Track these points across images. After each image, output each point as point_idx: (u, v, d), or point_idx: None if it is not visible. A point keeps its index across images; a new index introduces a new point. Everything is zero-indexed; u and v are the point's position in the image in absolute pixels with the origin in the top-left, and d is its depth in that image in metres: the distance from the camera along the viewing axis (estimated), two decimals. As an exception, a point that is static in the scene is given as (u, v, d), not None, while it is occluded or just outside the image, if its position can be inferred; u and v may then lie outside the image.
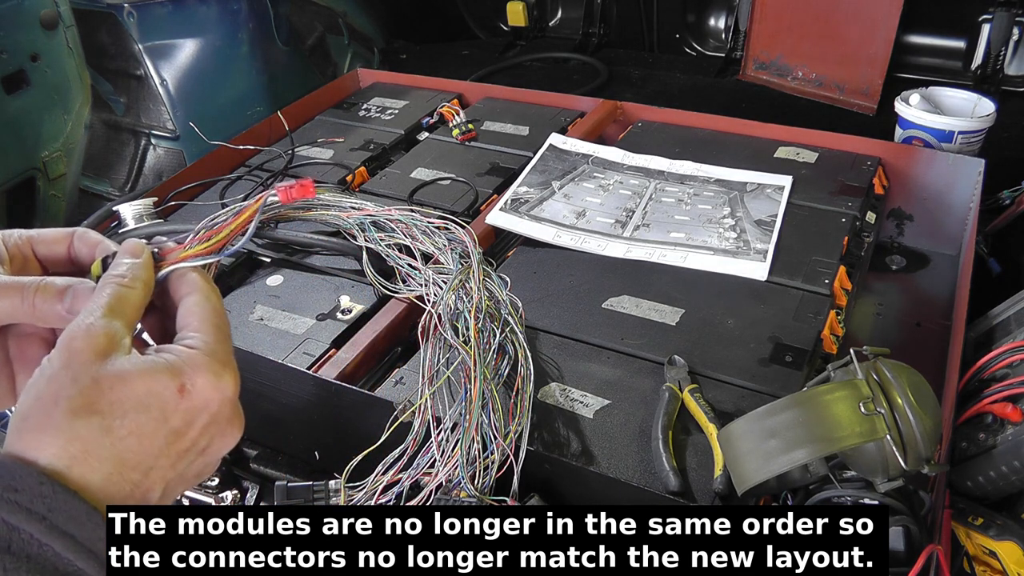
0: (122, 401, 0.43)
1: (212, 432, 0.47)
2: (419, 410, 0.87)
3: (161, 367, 0.45)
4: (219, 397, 0.47)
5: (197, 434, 0.46)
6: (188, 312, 0.50)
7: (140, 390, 0.44)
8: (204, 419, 0.46)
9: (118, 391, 0.43)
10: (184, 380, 0.45)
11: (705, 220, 1.26)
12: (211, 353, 0.48)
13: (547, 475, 0.85)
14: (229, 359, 0.49)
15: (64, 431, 0.42)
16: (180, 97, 1.93)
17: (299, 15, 2.25)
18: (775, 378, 0.97)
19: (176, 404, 0.45)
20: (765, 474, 0.75)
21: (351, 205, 1.24)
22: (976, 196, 1.27)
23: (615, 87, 2.24)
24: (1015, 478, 0.81)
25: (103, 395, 0.43)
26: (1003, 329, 1.01)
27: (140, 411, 0.44)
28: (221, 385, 0.47)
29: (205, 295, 0.51)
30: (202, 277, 0.52)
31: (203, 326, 0.49)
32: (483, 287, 1.02)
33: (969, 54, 2.06)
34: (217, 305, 0.52)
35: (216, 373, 0.47)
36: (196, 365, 0.46)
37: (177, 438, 0.45)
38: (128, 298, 0.48)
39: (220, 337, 0.49)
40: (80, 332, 0.45)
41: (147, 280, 0.50)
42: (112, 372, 0.44)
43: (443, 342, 0.95)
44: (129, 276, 0.50)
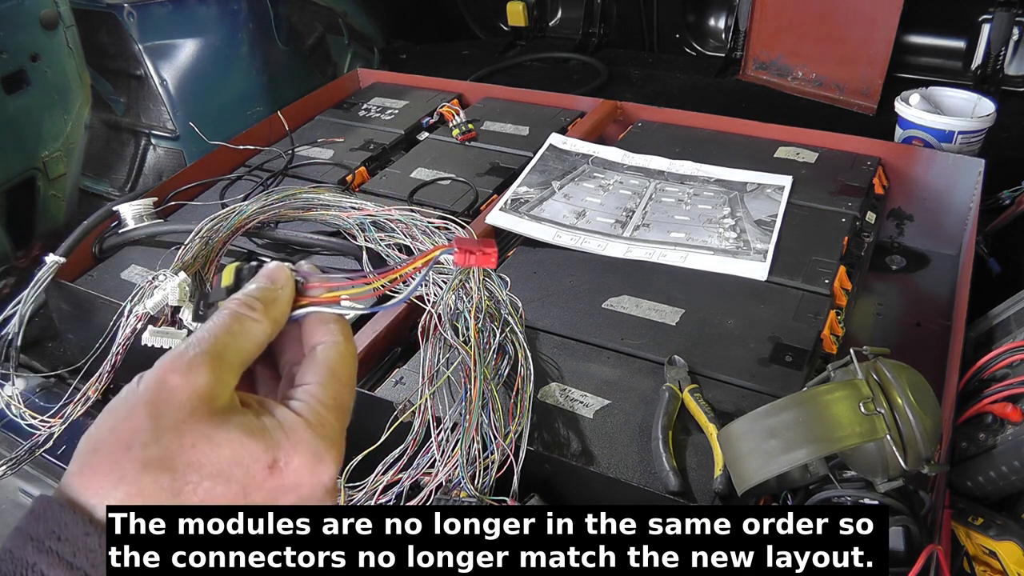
0: (203, 465, 0.38)
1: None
2: (419, 410, 0.87)
3: (257, 434, 0.39)
4: (312, 482, 0.40)
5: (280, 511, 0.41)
6: (314, 366, 0.43)
7: (226, 457, 0.38)
8: (291, 499, 0.40)
9: (201, 452, 0.38)
10: (278, 456, 0.39)
11: (705, 220, 1.26)
12: (319, 427, 0.41)
13: (547, 475, 0.85)
14: (338, 437, 0.42)
15: (128, 483, 0.37)
16: (180, 97, 1.93)
17: (299, 15, 2.25)
18: (775, 378, 0.97)
19: (262, 481, 0.39)
20: (765, 474, 0.75)
21: (351, 205, 1.24)
22: (976, 196, 1.27)
23: (615, 87, 2.24)
24: (1015, 478, 0.81)
25: (183, 452, 0.38)
26: (1003, 329, 1.01)
27: (219, 481, 0.38)
28: (319, 470, 0.40)
29: (340, 353, 0.44)
30: (343, 330, 0.45)
31: (323, 391, 0.42)
32: (483, 287, 1.02)
33: (969, 54, 2.06)
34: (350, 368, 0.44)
35: (317, 455, 0.40)
36: (297, 441, 0.40)
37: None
38: (249, 333, 0.42)
39: (337, 409, 0.42)
40: (180, 366, 0.39)
41: (278, 317, 0.43)
42: (200, 427, 0.38)
43: (443, 342, 0.95)
44: (260, 311, 0.42)
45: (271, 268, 0.45)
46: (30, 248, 1.54)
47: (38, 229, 1.56)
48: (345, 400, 0.43)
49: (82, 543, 0.36)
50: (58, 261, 1.20)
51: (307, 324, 0.45)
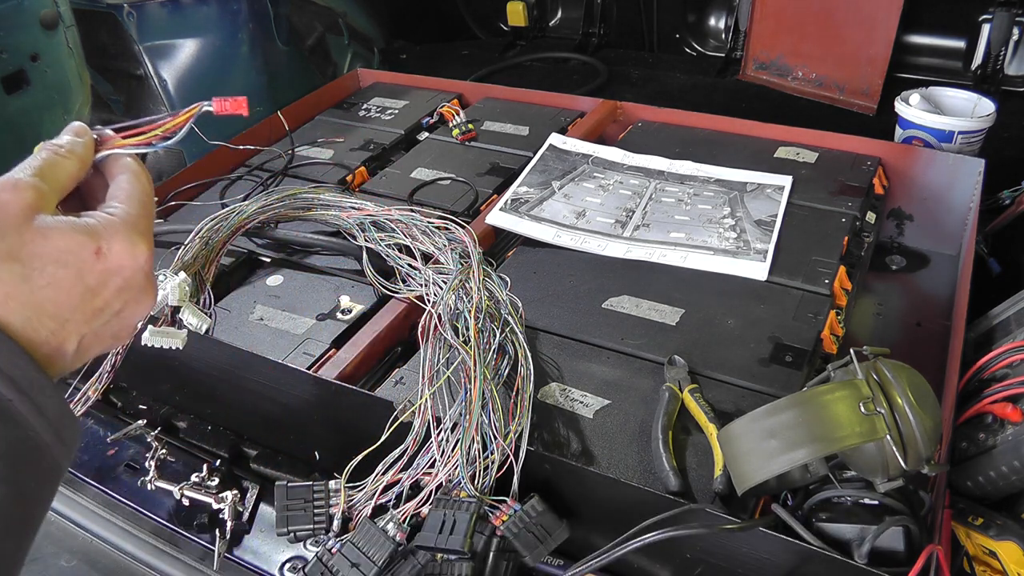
0: (42, 254, 0.46)
1: (126, 296, 0.50)
2: (419, 410, 0.87)
3: (80, 228, 0.48)
4: (133, 264, 0.50)
5: (111, 295, 0.49)
6: (117, 187, 0.54)
7: (60, 246, 0.47)
8: (118, 282, 0.49)
9: (39, 244, 0.46)
10: (101, 243, 0.48)
11: (705, 220, 1.26)
12: (130, 222, 0.51)
13: (547, 475, 0.85)
14: (147, 231, 0.52)
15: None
16: (180, 97, 1.93)
17: (299, 15, 2.25)
18: (775, 378, 0.97)
19: (92, 264, 0.48)
20: (765, 474, 0.75)
21: (351, 205, 1.24)
22: (976, 196, 1.27)
23: (615, 87, 2.24)
24: (1015, 478, 0.81)
25: (24, 246, 0.46)
26: (1003, 329, 1.01)
27: (58, 265, 0.47)
28: (135, 252, 0.50)
29: (135, 174, 0.55)
30: (136, 161, 0.57)
31: (128, 200, 0.53)
32: (483, 287, 1.02)
33: (969, 54, 2.06)
34: (146, 185, 0.55)
35: (132, 241, 0.50)
36: (114, 231, 0.49)
37: (92, 296, 0.48)
38: (61, 165, 0.52)
39: (142, 212, 0.52)
40: (8, 185, 0.48)
41: (83, 156, 0.54)
42: (35, 226, 0.46)
43: (443, 342, 0.95)
44: (67, 148, 0.53)
45: (72, 124, 0.56)
46: (30, 248, 1.53)
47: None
48: (147, 203, 0.54)
49: None
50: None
51: (108, 165, 0.56)
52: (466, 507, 0.79)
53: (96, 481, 1.04)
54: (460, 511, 0.78)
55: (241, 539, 0.94)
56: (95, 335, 0.50)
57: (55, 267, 0.46)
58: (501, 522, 0.80)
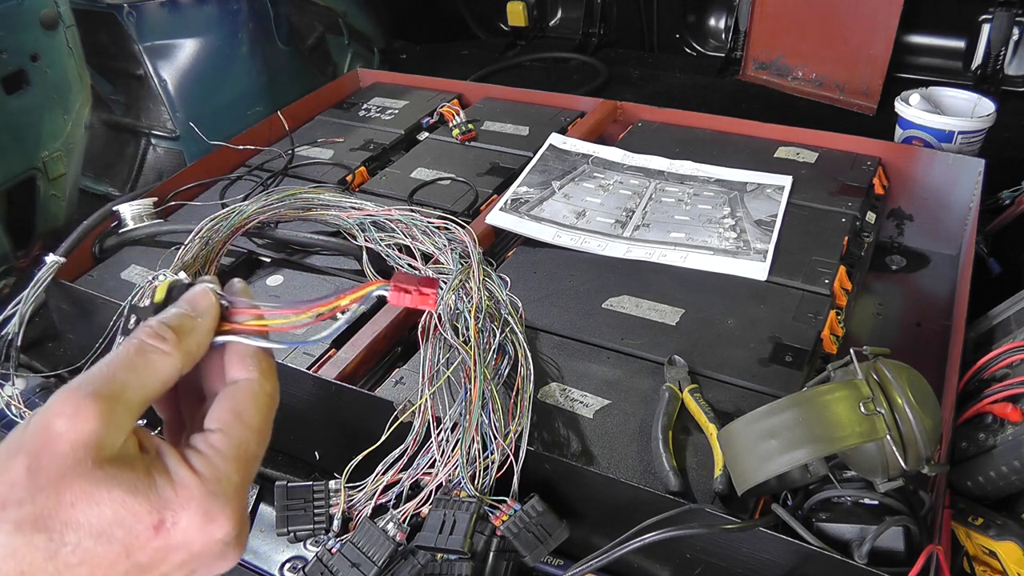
0: (81, 524, 0.35)
1: (193, 566, 0.39)
2: (419, 410, 0.87)
3: (141, 494, 0.37)
4: (205, 539, 0.38)
5: (169, 569, 0.38)
6: (221, 408, 0.41)
7: (107, 516, 0.36)
8: (180, 557, 0.38)
9: (80, 510, 0.35)
10: (165, 516, 0.37)
11: (705, 220, 1.26)
12: (214, 483, 0.38)
13: (547, 475, 0.85)
14: (238, 492, 0.39)
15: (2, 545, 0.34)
16: (180, 97, 1.92)
17: (299, 15, 2.25)
18: (775, 378, 0.97)
19: (147, 541, 0.37)
20: (765, 474, 0.75)
21: (351, 205, 1.24)
22: (976, 196, 1.27)
23: (615, 87, 2.24)
24: (1015, 478, 0.81)
25: (61, 511, 0.35)
26: (1003, 329, 1.01)
27: (100, 540, 0.36)
28: (211, 529, 0.38)
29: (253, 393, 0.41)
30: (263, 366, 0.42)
31: (225, 439, 0.40)
32: (483, 287, 1.02)
33: (969, 54, 2.06)
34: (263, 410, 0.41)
35: (208, 514, 0.38)
36: (188, 499, 0.38)
37: (141, 572, 0.37)
38: (155, 368, 0.39)
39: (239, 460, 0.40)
40: (67, 409, 0.36)
41: (192, 350, 0.40)
42: (81, 483, 0.36)
43: (443, 342, 0.95)
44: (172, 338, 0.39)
45: (194, 293, 0.42)
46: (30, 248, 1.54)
47: (38, 229, 1.55)
48: (251, 448, 0.41)
49: None
50: (58, 261, 1.20)
51: (228, 354, 0.42)
52: (466, 507, 0.79)
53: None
54: (460, 511, 0.78)
55: (241, 539, 0.94)
56: None
57: (95, 542, 0.35)
58: (501, 522, 0.80)
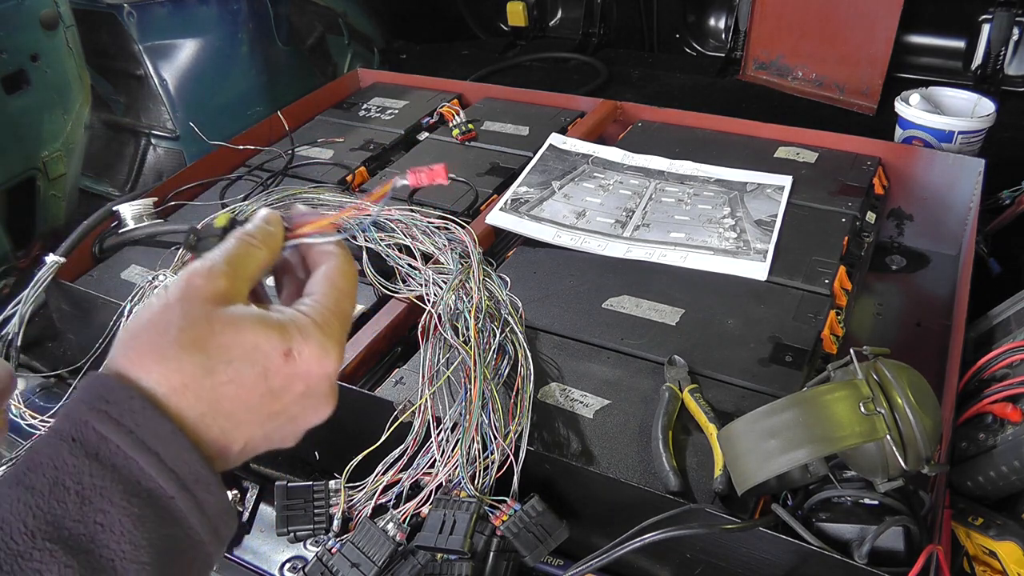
0: (229, 347, 0.44)
1: (305, 403, 0.47)
2: (419, 410, 0.87)
3: (273, 325, 0.45)
4: (320, 371, 0.46)
5: (291, 400, 0.46)
6: (318, 281, 0.50)
7: (249, 342, 0.44)
8: (301, 388, 0.46)
9: (228, 336, 0.44)
10: (292, 345, 0.45)
11: (705, 220, 1.26)
12: (324, 324, 0.47)
13: (547, 475, 0.85)
14: (341, 337, 0.48)
15: (169, 360, 0.42)
16: (180, 97, 1.92)
17: (299, 15, 2.25)
18: (775, 378, 0.97)
19: (280, 366, 0.45)
20: (765, 474, 0.75)
21: (351, 205, 1.24)
22: (976, 196, 1.27)
23: (615, 87, 2.24)
24: (1015, 478, 0.81)
25: (213, 336, 0.43)
26: (1003, 329, 1.01)
27: (244, 362, 0.44)
28: (325, 360, 0.46)
29: (340, 267, 0.51)
30: (342, 250, 0.52)
31: (325, 298, 0.49)
32: (483, 287, 1.02)
33: (969, 54, 2.06)
34: (350, 281, 0.51)
35: (324, 347, 0.46)
36: (307, 333, 0.46)
37: (273, 399, 0.45)
38: (253, 255, 0.48)
39: (339, 314, 0.49)
40: (203, 271, 0.45)
41: (273, 246, 0.50)
42: (226, 316, 0.44)
43: (443, 342, 0.95)
44: (259, 237, 0.49)
45: (265, 214, 0.52)
46: (30, 248, 1.54)
47: (38, 229, 1.56)
48: (346, 307, 0.50)
49: (127, 406, 0.41)
50: (58, 261, 1.20)
51: (311, 253, 0.52)
52: (466, 507, 0.79)
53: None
54: (460, 511, 0.78)
55: (241, 539, 0.94)
56: (265, 437, 0.47)
57: (241, 363, 0.44)
58: (501, 522, 0.80)
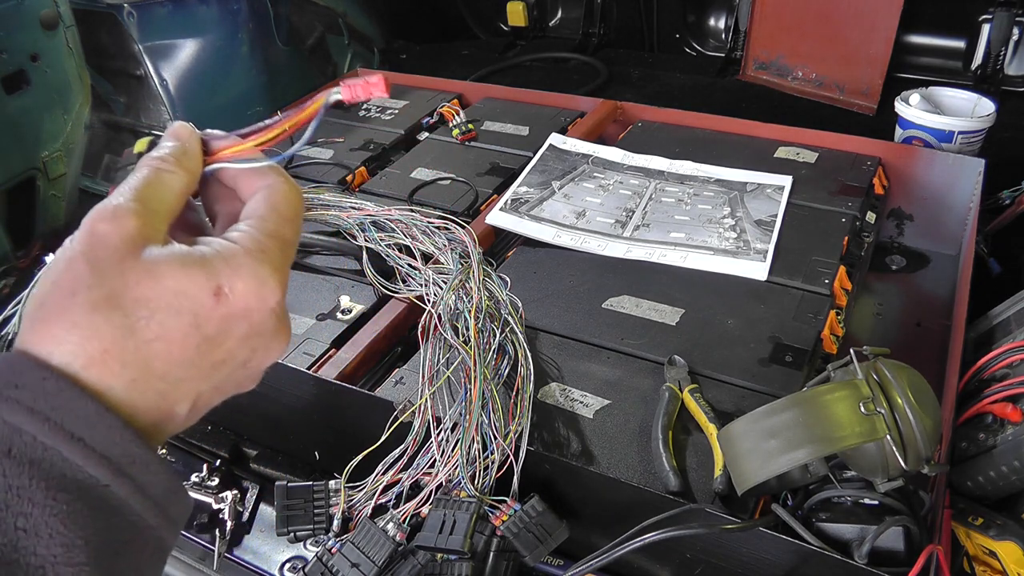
0: (149, 299, 0.38)
1: (254, 344, 0.41)
2: (419, 410, 0.87)
3: (196, 262, 0.39)
4: (261, 305, 0.40)
5: (235, 344, 0.40)
6: (252, 204, 0.44)
7: (171, 287, 0.38)
8: (243, 328, 0.40)
9: (146, 287, 0.38)
10: (221, 282, 0.39)
11: (705, 220, 1.26)
12: (258, 252, 0.41)
13: (547, 475, 0.85)
14: (282, 263, 0.42)
15: (81, 326, 0.37)
16: (180, 97, 1.93)
17: (299, 15, 2.25)
18: (775, 378, 0.97)
19: (211, 310, 0.39)
20: (765, 474, 0.75)
21: (351, 205, 1.24)
22: (976, 196, 1.27)
23: (615, 87, 2.24)
24: (1015, 478, 0.81)
25: (128, 289, 0.37)
26: (1003, 329, 1.01)
27: (169, 312, 0.38)
28: (264, 292, 0.40)
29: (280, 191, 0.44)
30: (280, 173, 0.45)
31: (261, 222, 0.42)
32: (483, 287, 1.02)
33: (969, 54, 2.06)
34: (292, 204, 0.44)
35: (259, 278, 0.40)
36: (237, 265, 0.40)
37: (212, 347, 0.39)
38: (167, 183, 0.42)
39: (277, 238, 0.42)
40: (107, 214, 0.39)
41: (191, 169, 0.44)
42: (140, 264, 0.38)
43: (443, 342, 0.95)
44: (172, 159, 0.43)
45: (175, 127, 0.46)
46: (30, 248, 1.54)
47: (38, 229, 1.56)
48: (286, 233, 0.43)
49: (40, 388, 0.36)
50: (58, 261, 1.20)
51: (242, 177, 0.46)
52: (466, 507, 0.79)
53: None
54: (460, 511, 0.78)
55: (241, 539, 0.94)
56: (215, 390, 0.42)
57: (165, 315, 0.38)
58: (501, 522, 0.80)
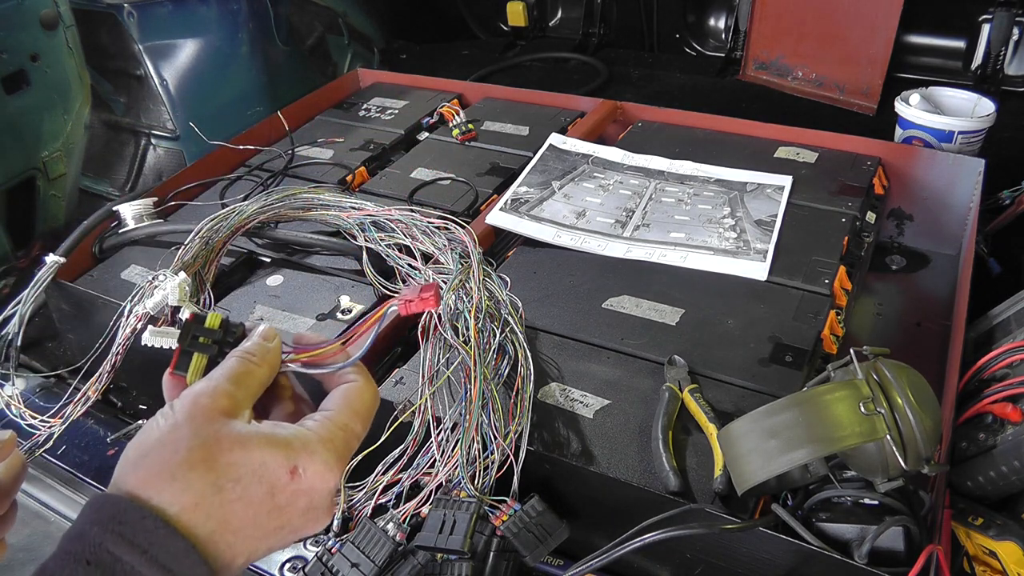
0: (238, 465, 0.45)
1: (307, 516, 0.48)
2: (419, 410, 0.87)
3: (279, 443, 0.47)
4: (323, 487, 0.48)
5: (294, 515, 0.47)
6: (333, 397, 0.52)
7: (256, 460, 0.45)
8: (304, 503, 0.48)
9: (236, 454, 0.45)
10: (298, 463, 0.47)
11: (705, 220, 1.26)
12: (328, 441, 0.49)
13: (547, 475, 0.85)
14: (345, 453, 0.50)
15: (180, 480, 0.44)
16: (180, 97, 1.92)
17: (299, 15, 2.25)
18: (775, 378, 0.97)
19: (286, 484, 0.46)
20: (765, 474, 0.75)
21: (351, 205, 1.24)
22: (976, 196, 1.27)
23: (615, 87, 2.24)
24: (1015, 478, 0.81)
25: (222, 454, 0.45)
26: (1003, 329, 1.01)
27: (253, 480, 0.45)
28: (328, 476, 0.48)
29: (357, 388, 0.53)
30: (361, 373, 0.55)
31: (336, 415, 0.51)
32: (483, 287, 1.02)
33: (969, 54, 2.06)
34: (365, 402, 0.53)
35: (328, 464, 0.48)
36: (312, 450, 0.48)
37: (278, 514, 0.46)
38: (252, 373, 0.51)
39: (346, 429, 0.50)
40: (207, 391, 0.47)
41: (272, 363, 0.53)
42: (233, 434, 0.46)
43: (443, 342, 0.95)
44: (258, 354, 0.52)
45: (264, 329, 0.55)
46: (30, 248, 1.54)
47: (38, 229, 1.56)
48: (354, 427, 0.52)
49: (140, 525, 0.42)
50: (58, 261, 1.20)
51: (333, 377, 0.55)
52: (466, 507, 0.79)
53: (96, 481, 1.04)
54: (460, 511, 0.78)
55: (241, 539, 0.94)
56: (267, 548, 0.48)
57: (249, 481, 0.45)
58: (501, 522, 0.80)
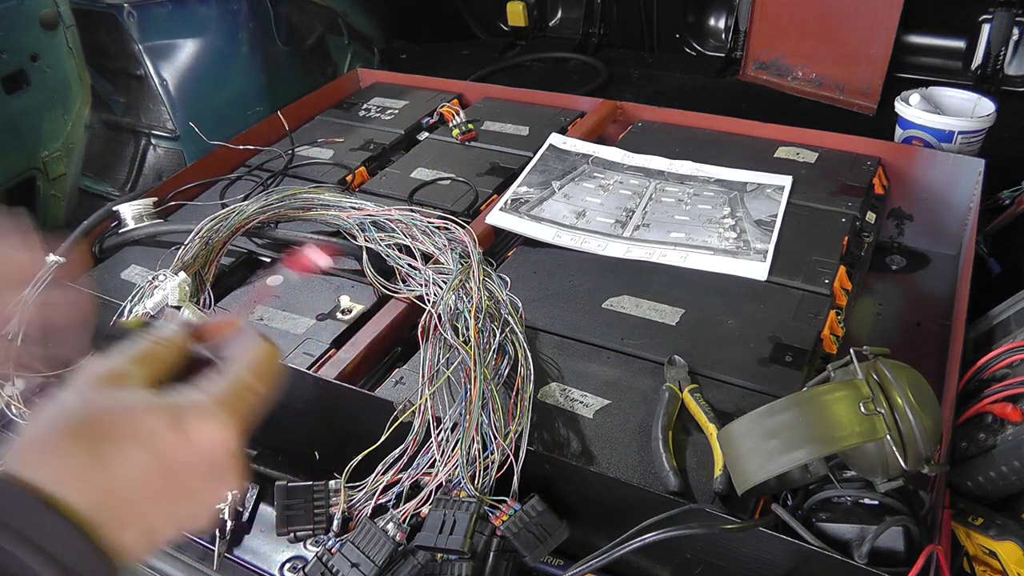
0: (120, 432, 0.43)
1: (210, 481, 0.46)
2: (419, 410, 0.87)
3: (166, 406, 0.45)
4: (221, 448, 0.46)
5: (193, 479, 0.45)
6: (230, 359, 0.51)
7: (140, 424, 0.44)
8: (204, 467, 0.46)
9: (119, 422, 0.44)
10: (187, 424, 0.45)
11: (705, 220, 1.26)
12: (221, 400, 0.47)
13: (547, 475, 0.85)
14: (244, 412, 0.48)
15: (58, 452, 0.42)
16: (180, 97, 1.93)
17: (299, 15, 2.25)
18: (775, 378, 0.97)
19: (175, 447, 0.44)
20: (765, 474, 0.75)
21: (351, 205, 1.24)
22: (976, 196, 1.27)
23: (615, 87, 2.24)
24: (1015, 478, 0.81)
25: (103, 421, 0.43)
26: (1003, 329, 1.01)
27: (135, 445, 0.43)
28: (226, 436, 0.46)
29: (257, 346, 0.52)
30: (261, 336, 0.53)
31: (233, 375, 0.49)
32: (483, 287, 1.02)
33: (969, 54, 2.06)
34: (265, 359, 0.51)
35: (223, 423, 0.46)
36: (201, 411, 0.46)
37: (172, 480, 0.44)
38: (155, 353, 0.50)
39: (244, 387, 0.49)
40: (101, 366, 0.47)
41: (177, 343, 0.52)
42: (117, 402, 0.45)
43: (443, 342, 0.95)
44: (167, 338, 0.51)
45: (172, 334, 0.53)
46: (30, 248, 1.54)
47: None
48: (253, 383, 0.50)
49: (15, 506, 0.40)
50: (58, 261, 1.20)
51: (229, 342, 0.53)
52: (466, 507, 0.79)
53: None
54: (460, 511, 0.78)
55: (241, 539, 0.94)
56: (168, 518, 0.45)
57: (132, 446, 0.43)
58: (501, 522, 0.80)
